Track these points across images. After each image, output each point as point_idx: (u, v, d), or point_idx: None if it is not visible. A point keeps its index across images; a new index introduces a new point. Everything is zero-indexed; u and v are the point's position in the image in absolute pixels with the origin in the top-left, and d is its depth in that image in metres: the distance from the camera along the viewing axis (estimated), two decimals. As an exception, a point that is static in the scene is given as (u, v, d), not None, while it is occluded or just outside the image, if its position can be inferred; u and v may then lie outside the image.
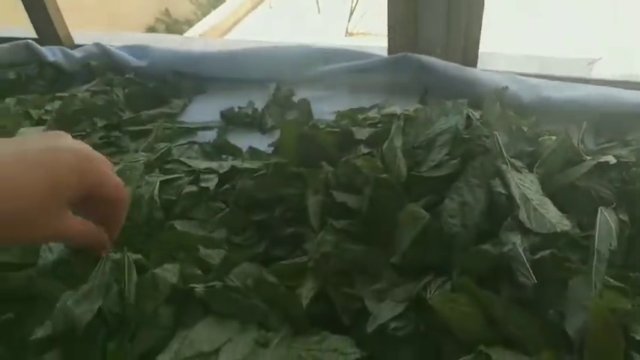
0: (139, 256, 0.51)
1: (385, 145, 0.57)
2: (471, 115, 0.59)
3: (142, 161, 0.70)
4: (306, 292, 0.50)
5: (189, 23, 4.08)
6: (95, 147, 0.75)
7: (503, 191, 0.49)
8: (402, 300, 0.47)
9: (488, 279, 0.46)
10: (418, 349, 0.46)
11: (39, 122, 0.81)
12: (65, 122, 0.79)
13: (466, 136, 0.56)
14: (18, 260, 0.52)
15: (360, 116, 0.71)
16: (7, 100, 0.93)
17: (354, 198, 0.58)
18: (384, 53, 0.96)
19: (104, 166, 0.42)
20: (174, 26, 4.12)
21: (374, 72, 0.93)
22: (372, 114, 0.72)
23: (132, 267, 0.48)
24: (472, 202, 0.50)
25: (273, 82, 0.95)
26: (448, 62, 0.87)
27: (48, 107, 0.86)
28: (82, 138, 0.78)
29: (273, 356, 0.44)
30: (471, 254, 0.46)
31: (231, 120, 0.88)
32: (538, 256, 0.44)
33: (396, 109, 0.69)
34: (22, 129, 0.80)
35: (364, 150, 0.62)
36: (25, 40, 1.10)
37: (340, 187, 0.59)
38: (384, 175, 0.52)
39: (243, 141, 0.80)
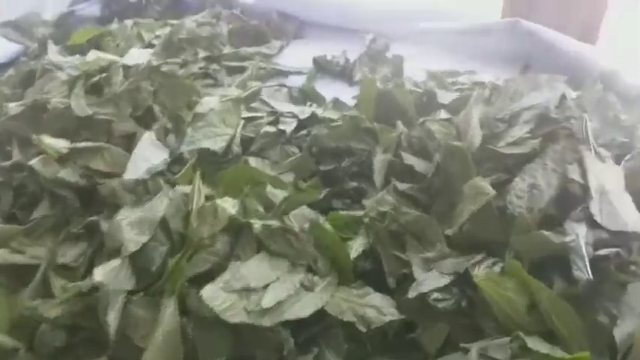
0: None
1: (462, 113, 0.55)
2: (566, 93, 0.55)
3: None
4: (357, 246, 0.51)
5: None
6: (194, 77, 0.82)
7: (578, 179, 0.46)
8: (449, 273, 0.47)
9: (543, 267, 0.44)
10: (457, 323, 0.46)
11: (149, 45, 0.87)
12: (170, 49, 0.84)
13: (554, 116, 0.53)
14: (108, 169, 0.58)
15: (450, 80, 0.68)
16: (126, 21, 1.00)
17: (423, 163, 0.57)
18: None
19: None
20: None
21: (477, 35, 0.88)
22: (464, 79, 0.69)
23: (201, 193, 0.52)
24: (543, 186, 0.48)
25: (370, 33, 0.93)
26: (561, 35, 0.80)
27: (158, 32, 0.92)
28: (182, 67, 0.83)
29: (315, 300, 0.46)
30: (529, 238, 0.45)
31: (322, 67, 0.89)
32: (601, 253, 0.42)
33: (487, 77, 0.66)
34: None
35: (444, 115, 0.60)
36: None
37: (411, 150, 0.58)
38: (457, 143, 0.51)
39: (331, 90, 0.81)
